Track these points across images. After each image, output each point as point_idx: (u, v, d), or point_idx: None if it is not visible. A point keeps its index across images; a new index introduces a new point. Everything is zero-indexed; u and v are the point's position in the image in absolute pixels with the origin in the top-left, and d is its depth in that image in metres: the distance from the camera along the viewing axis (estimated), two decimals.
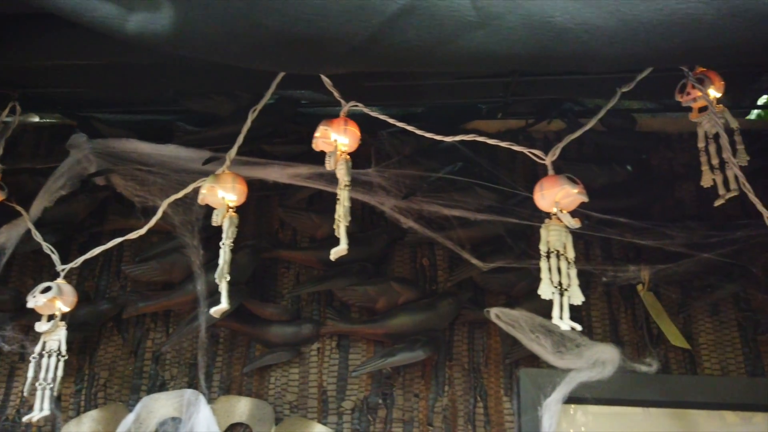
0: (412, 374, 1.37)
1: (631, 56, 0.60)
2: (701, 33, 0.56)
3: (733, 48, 0.58)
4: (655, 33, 0.57)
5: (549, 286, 0.98)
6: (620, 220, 1.36)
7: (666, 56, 0.60)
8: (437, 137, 1.10)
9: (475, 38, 0.58)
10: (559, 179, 1.01)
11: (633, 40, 0.58)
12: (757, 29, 0.56)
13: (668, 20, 0.56)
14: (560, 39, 0.58)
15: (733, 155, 1.07)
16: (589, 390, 1.27)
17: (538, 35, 0.58)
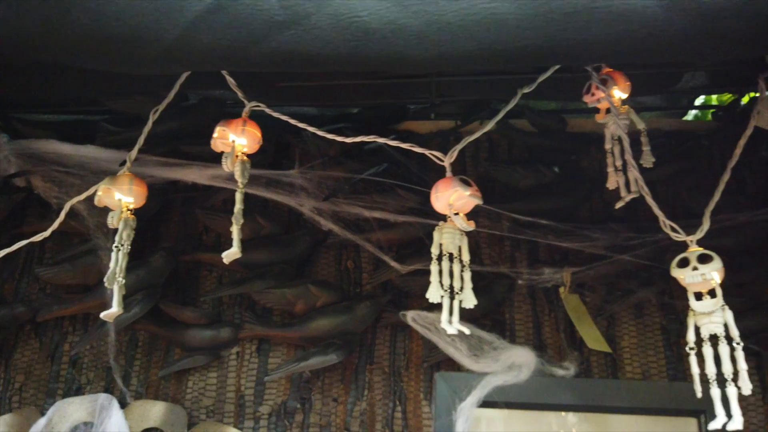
0: (332, 378, 1.35)
1: (440, 57, 0.58)
2: (506, 33, 0.55)
3: (538, 48, 0.57)
4: (460, 33, 0.55)
5: (438, 289, 0.96)
6: (542, 222, 1.35)
7: (474, 57, 0.58)
8: (338, 138, 1.09)
9: (284, 38, 0.56)
10: (452, 181, 1.00)
11: (439, 40, 0.56)
12: (560, 28, 0.54)
13: (472, 20, 0.54)
14: (368, 39, 0.56)
15: (632, 157, 1.05)
16: (505, 394, 1.26)
17: (346, 35, 0.56)
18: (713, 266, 0.90)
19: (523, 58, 0.59)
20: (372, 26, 0.55)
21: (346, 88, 1.41)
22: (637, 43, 0.55)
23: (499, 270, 1.34)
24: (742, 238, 1.37)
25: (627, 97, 1.12)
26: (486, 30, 0.55)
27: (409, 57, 0.60)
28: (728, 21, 0.51)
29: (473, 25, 0.55)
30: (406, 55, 0.60)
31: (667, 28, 0.53)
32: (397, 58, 0.59)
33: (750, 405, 1.30)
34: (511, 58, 0.59)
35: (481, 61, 0.60)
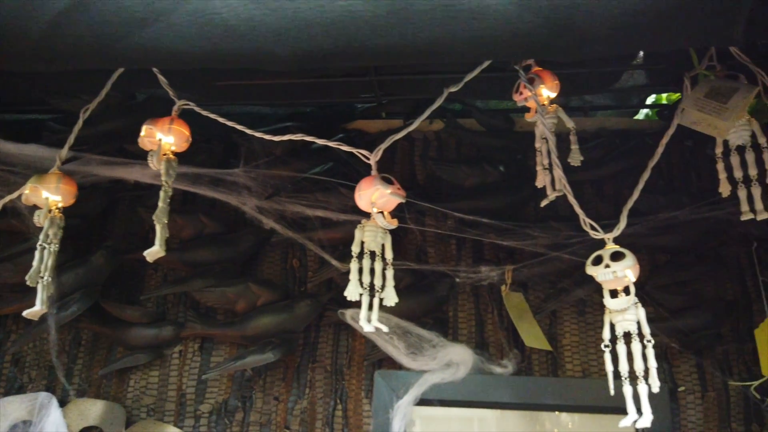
0: (274, 377, 1.35)
1: (299, 54, 0.58)
2: (363, 31, 0.55)
3: (394, 46, 0.57)
4: (318, 30, 0.55)
5: (356, 287, 0.97)
6: (484, 221, 1.35)
7: (332, 55, 0.58)
8: (266, 137, 1.09)
9: (146, 34, 0.57)
10: (374, 180, 1.00)
11: (297, 37, 0.56)
12: (416, 27, 0.54)
13: (329, 18, 0.54)
14: (228, 35, 0.56)
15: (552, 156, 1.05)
16: (444, 391, 1.26)
17: (206, 32, 0.56)
18: (625, 264, 0.91)
19: (382, 56, 0.59)
20: (230, 23, 0.55)
21: (295, 86, 1.42)
22: (493, 41, 0.55)
23: (437, 268, 1.34)
24: (684, 236, 1.37)
25: (556, 95, 1.12)
26: (343, 28, 0.55)
27: (268, 54, 0.60)
28: (580, 19, 0.51)
29: (330, 22, 0.55)
30: (266, 52, 0.60)
31: (520, 25, 0.53)
32: (257, 55, 0.59)
33: (689, 404, 1.31)
34: (369, 56, 0.59)
35: (339, 58, 0.60)
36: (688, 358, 1.33)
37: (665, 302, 1.35)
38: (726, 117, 0.97)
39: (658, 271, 1.39)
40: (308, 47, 0.57)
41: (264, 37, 0.56)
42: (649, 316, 1.36)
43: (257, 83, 1.32)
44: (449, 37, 0.55)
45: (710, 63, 1.06)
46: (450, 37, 0.55)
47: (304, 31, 0.55)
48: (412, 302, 1.34)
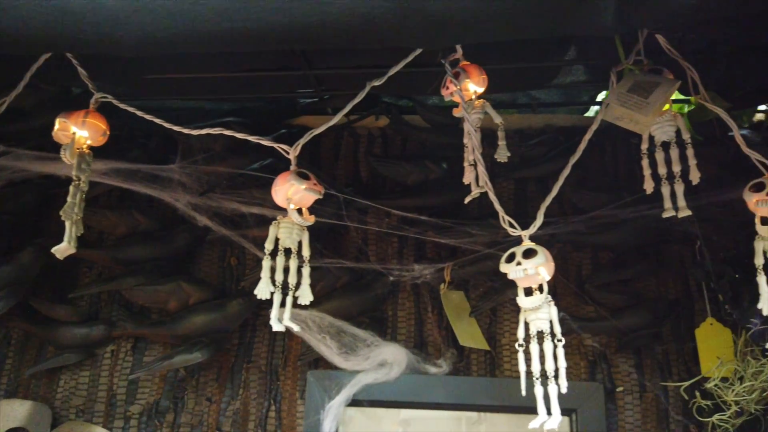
0: (207, 377, 1.33)
1: (145, 39, 0.55)
2: (210, 15, 0.52)
3: (243, 31, 0.54)
4: (162, 14, 0.53)
5: (267, 285, 0.94)
6: (422, 218, 1.33)
7: (179, 40, 0.56)
8: (185, 130, 1.06)
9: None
10: (290, 175, 0.98)
11: (142, 22, 0.53)
12: (263, 11, 0.52)
13: (174, 1, 0.51)
14: (68, 20, 0.53)
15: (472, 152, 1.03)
16: (378, 392, 1.24)
17: (46, 15, 0.53)
18: (536, 261, 0.89)
19: (230, 41, 0.57)
20: (71, 7, 0.53)
21: (235, 81, 1.39)
22: (340, 28, 0.53)
23: (368, 266, 1.32)
24: (626, 234, 1.35)
25: (483, 90, 1.10)
26: (188, 11, 0.52)
27: (113, 39, 0.58)
28: (433, 6, 0.49)
29: (174, 5, 0.52)
30: (111, 37, 0.58)
31: (369, 11, 0.51)
32: (101, 40, 0.57)
33: (627, 404, 1.29)
34: (217, 40, 0.56)
35: (186, 43, 0.57)
36: (628, 358, 1.32)
37: (605, 301, 1.33)
38: (646, 112, 0.95)
39: (599, 270, 1.37)
40: (153, 31, 0.55)
41: (106, 20, 0.54)
42: (590, 315, 1.36)
43: (192, 77, 1.29)
44: (293, 22, 0.53)
45: (638, 57, 1.04)
46: (294, 23, 0.53)
47: (147, 15, 0.53)
48: (347, 301, 1.31)
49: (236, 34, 0.54)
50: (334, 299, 1.33)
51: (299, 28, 0.55)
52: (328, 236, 1.41)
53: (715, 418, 1.08)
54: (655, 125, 1.03)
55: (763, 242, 0.95)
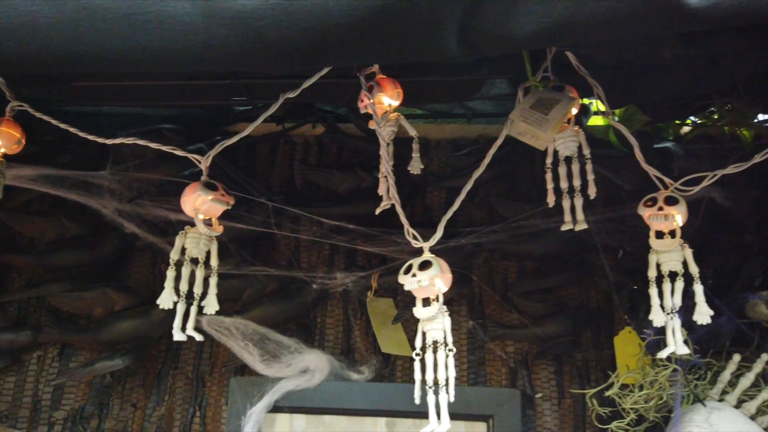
0: (133, 383, 1.33)
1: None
2: (42, 36, 0.53)
3: (79, 54, 0.56)
4: (8, 36, 0.54)
5: (171, 295, 0.96)
6: (350, 227, 1.35)
7: (18, 61, 0.57)
8: (90, 137, 1.07)
9: None
10: (197, 186, 0.99)
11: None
12: (102, 35, 0.53)
13: (16, 22, 0.52)
14: None
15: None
16: (299, 398, 1.26)
17: None
18: (431, 273, 0.91)
19: (70, 64, 0.58)
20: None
21: (169, 89, 1.40)
22: (181, 52, 0.55)
23: (292, 274, 1.33)
24: (549, 244, 1.39)
25: (399, 104, 1.12)
26: (27, 33, 0.53)
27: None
28: (270, 31, 0.51)
29: (18, 27, 0.53)
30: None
31: (208, 36, 0.53)
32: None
33: (546, 410, 1.32)
34: (54, 63, 0.57)
35: (26, 64, 0.59)
36: (548, 365, 1.35)
37: (527, 309, 1.36)
38: (545, 128, 0.97)
39: (522, 278, 1.40)
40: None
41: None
42: (513, 322, 1.39)
43: (115, 84, 1.30)
44: (133, 46, 0.54)
45: (545, 74, 1.07)
46: (134, 47, 0.54)
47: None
48: (275, 308, 1.33)
49: (70, 57, 0.55)
50: (261, 306, 1.34)
51: (142, 51, 0.56)
52: (258, 244, 1.42)
53: (614, 425, 1.11)
54: (558, 140, 1.06)
55: (657, 255, 0.98)
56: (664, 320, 0.94)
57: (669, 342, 0.93)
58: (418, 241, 1.00)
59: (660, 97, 1.26)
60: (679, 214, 0.96)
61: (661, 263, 0.97)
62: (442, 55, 0.57)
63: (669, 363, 1.09)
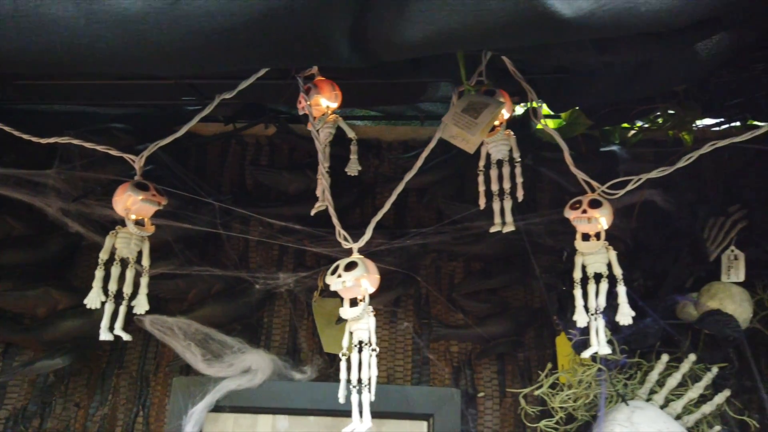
0: (77, 383, 1.33)
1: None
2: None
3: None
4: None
5: (98, 295, 0.96)
6: (296, 228, 1.36)
7: None
8: (25, 136, 1.07)
9: None
10: (128, 185, 1.00)
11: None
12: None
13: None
14: None
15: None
16: (242, 398, 1.26)
17: None
18: (355, 274, 0.92)
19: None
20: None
21: (121, 87, 1.40)
22: (68, 54, 0.55)
23: (237, 274, 1.34)
24: (494, 245, 1.40)
25: (338, 106, 1.14)
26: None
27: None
28: (153, 35, 0.51)
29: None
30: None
31: (93, 38, 0.53)
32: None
33: (487, 409, 1.34)
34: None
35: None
36: (491, 365, 1.37)
37: (472, 309, 1.38)
38: (474, 132, 0.99)
39: (467, 279, 1.42)
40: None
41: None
42: (458, 322, 1.40)
43: (63, 84, 1.29)
44: (19, 48, 0.54)
45: (479, 78, 1.09)
46: (20, 48, 0.55)
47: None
48: (218, 308, 1.34)
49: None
50: (207, 306, 1.35)
51: (24, 52, 0.56)
52: (206, 244, 1.42)
53: (542, 424, 1.13)
54: (490, 144, 1.08)
55: (582, 257, 1.00)
56: (587, 321, 0.96)
57: (592, 342, 0.95)
58: (348, 242, 1.01)
59: (597, 102, 1.28)
60: (603, 217, 0.98)
61: (586, 265, 0.99)
62: (336, 60, 0.58)
63: (594, 363, 1.11)
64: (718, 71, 1.27)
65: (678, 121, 1.39)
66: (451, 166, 1.47)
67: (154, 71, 0.60)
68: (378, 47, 0.56)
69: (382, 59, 0.59)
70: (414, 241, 1.35)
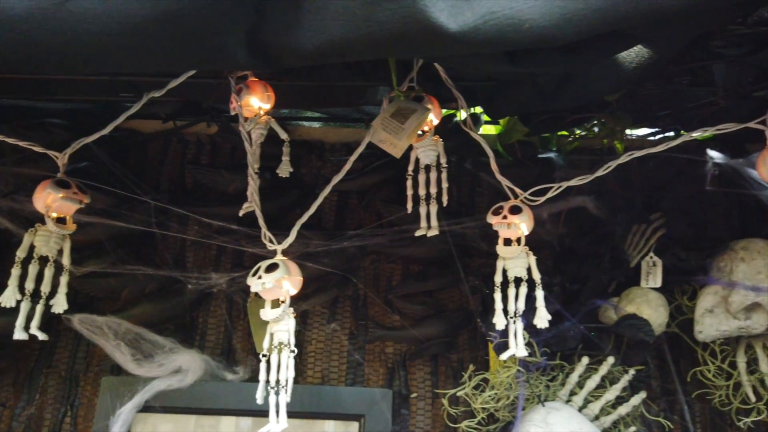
0: (3, 382, 1.31)
1: None
2: None
3: None
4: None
5: (14, 293, 0.95)
6: (233, 228, 1.36)
7: None
8: None
9: None
10: (49, 183, 0.98)
11: None
12: None
13: None
14: None
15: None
16: (172, 398, 1.25)
17: None
18: (275, 275, 0.93)
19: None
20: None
21: (62, 83, 1.37)
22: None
23: (169, 274, 1.33)
24: (431, 248, 1.42)
25: (271, 107, 1.14)
26: None
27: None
28: (40, 36, 0.51)
29: None
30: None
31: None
32: None
33: (420, 410, 1.36)
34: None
35: None
36: (424, 366, 1.39)
37: (407, 311, 1.40)
38: (401, 137, 1.01)
39: (404, 281, 1.44)
40: None
41: None
42: (395, 324, 1.42)
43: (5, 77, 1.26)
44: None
45: (411, 84, 1.11)
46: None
47: None
48: (151, 308, 1.32)
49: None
50: (140, 305, 1.34)
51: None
52: (141, 243, 1.41)
53: (464, 424, 1.16)
54: (419, 149, 1.10)
55: (503, 261, 1.03)
56: (505, 323, 0.98)
57: (510, 344, 0.98)
58: (273, 244, 1.02)
59: (526, 111, 1.31)
60: (523, 223, 1.01)
61: (507, 269, 1.02)
62: (233, 64, 0.59)
63: (512, 365, 1.14)
64: (645, 83, 1.32)
65: (609, 131, 1.43)
66: (391, 169, 1.48)
67: (46, 72, 0.60)
68: (277, 53, 0.57)
69: (283, 65, 0.60)
70: (351, 242, 1.36)
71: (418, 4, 0.52)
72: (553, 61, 0.85)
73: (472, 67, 1.02)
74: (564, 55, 0.84)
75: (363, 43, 0.54)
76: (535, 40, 0.56)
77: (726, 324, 1.10)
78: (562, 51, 0.84)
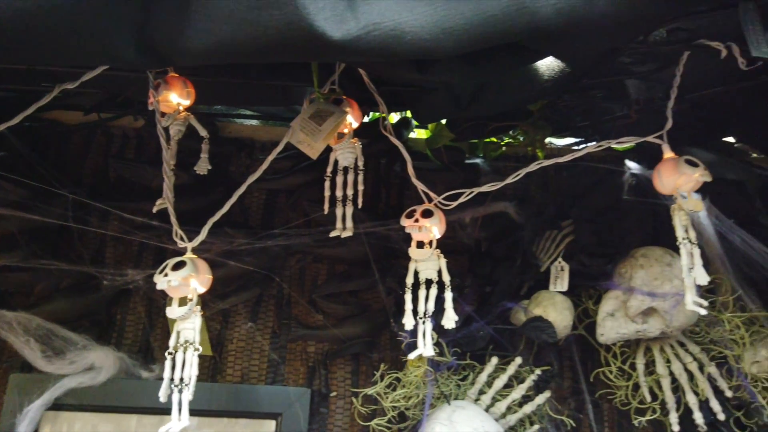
0: None
1: None
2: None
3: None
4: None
5: None
6: (153, 224, 1.34)
7: None
8: None
9: None
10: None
11: None
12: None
13: None
14: None
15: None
16: (84, 396, 1.23)
17: None
18: (182, 273, 0.93)
19: None
20: None
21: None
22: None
23: (83, 269, 1.30)
24: (356, 249, 1.44)
25: (190, 103, 1.13)
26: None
27: None
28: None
29: None
30: None
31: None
32: None
33: (338, 408, 1.37)
34: None
35: None
36: (345, 365, 1.40)
37: (330, 310, 1.41)
38: (317, 138, 1.02)
39: (328, 281, 1.45)
40: None
41: None
42: (318, 323, 1.43)
43: None
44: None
45: (332, 86, 1.12)
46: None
47: None
48: (65, 303, 1.30)
49: None
50: (54, 301, 1.30)
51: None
52: (58, 237, 1.38)
53: (374, 422, 1.18)
54: (338, 151, 1.11)
55: (415, 264, 1.05)
56: (414, 323, 1.01)
57: (419, 344, 1.00)
58: (183, 241, 1.01)
59: (446, 117, 1.34)
60: (435, 226, 1.03)
61: (419, 271, 1.04)
62: (120, 61, 0.59)
63: (422, 364, 1.17)
64: (563, 95, 1.37)
65: (531, 139, 1.49)
66: (319, 170, 1.49)
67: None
68: (165, 52, 0.58)
69: (174, 65, 0.60)
70: (275, 242, 1.37)
71: (302, 12, 0.53)
72: (460, 71, 0.88)
73: (382, 73, 1.05)
74: (469, 66, 0.88)
75: (250, 47, 0.55)
76: (417, 52, 0.58)
77: (625, 327, 1.16)
78: (467, 62, 0.87)
